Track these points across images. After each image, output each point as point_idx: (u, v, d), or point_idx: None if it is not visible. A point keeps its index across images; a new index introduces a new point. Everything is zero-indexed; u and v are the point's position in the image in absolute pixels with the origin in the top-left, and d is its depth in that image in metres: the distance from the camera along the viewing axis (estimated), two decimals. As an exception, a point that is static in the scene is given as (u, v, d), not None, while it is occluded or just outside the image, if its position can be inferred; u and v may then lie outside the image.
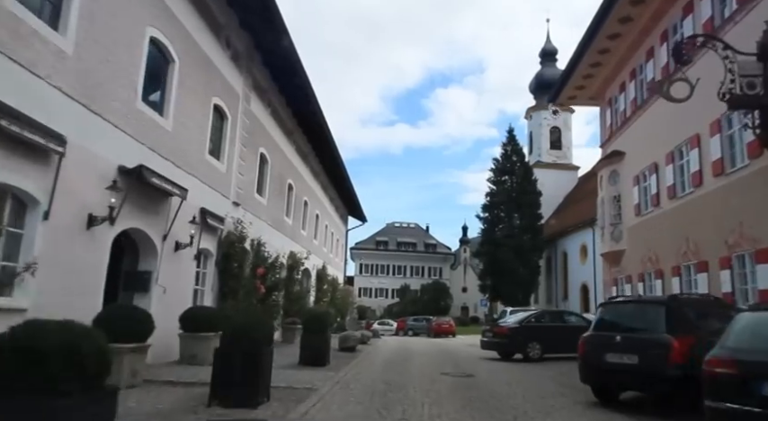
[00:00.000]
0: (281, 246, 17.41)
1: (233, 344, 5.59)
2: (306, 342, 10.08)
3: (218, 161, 11.84)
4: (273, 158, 16.20)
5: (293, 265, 18.69)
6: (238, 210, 13.07)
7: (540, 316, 14.55)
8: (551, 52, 66.53)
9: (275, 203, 16.69)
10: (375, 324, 42.40)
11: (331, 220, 28.88)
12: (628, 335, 6.77)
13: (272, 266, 14.62)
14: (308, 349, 10.03)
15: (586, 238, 44.79)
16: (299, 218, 20.21)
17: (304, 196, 21.14)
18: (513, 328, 13.81)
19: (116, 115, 7.76)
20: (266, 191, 15.61)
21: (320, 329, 10.17)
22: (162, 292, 9.15)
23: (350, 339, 13.75)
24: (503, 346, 13.92)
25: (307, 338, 10.09)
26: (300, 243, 20.37)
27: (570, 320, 14.68)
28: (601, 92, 20.47)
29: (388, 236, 69.91)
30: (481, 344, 14.78)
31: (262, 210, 15.25)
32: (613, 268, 18.94)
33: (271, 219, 16.21)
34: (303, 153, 20.86)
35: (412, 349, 17.81)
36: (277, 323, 14.86)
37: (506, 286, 48.69)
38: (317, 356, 9.98)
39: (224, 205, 12.14)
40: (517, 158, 53.75)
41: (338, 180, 27.62)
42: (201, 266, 11.35)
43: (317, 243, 24.65)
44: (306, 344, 10.07)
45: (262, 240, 14.67)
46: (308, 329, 10.21)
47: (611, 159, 18.95)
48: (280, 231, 17.39)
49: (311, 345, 10.02)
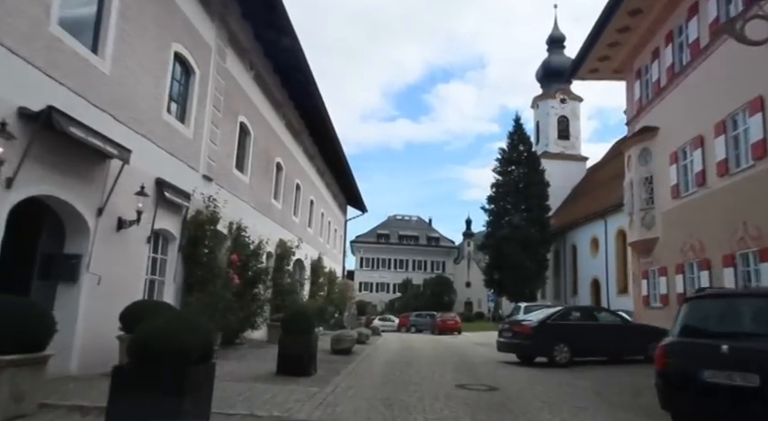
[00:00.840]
0: (269, 232, 15.30)
1: (139, 360, 3.49)
2: (285, 346, 7.98)
3: (181, 124, 9.71)
4: (257, 131, 14.06)
5: (283, 255, 16.61)
6: (211, 186, 10.95)
7: (566, 312, 12.43)
8: (559, 39, 64.25)
9: (260, 183, 14.57)
10: (376, 320, 40.37)
11: (328, 208, 26.76)
12: (741, 346, 4.64)
13: (255, 254, 12.52)
14: (287, 355, 7.94)
15: (597, 231, 42.66)
16: (289, 202, 18.08)
17: (296, 179, 19.01)
18: (538, 327, 11.69)
19: (15, 38, 5.64)
20: (248, 167, 13.48)
21: (304, 329, 8.08)
22: (96, 283, 7.06)
23: (344, 339, 11.66)
24: (524, 348, 11.82)
25: (286, 341, 7.99)
26: (292, 231, 18.27)
27: (603, 318, 12.55)
28: (628, 62, 18.25)
29: (390, 229, 67.81)
30: (498, 346, 12.68)
31: (243, 190, 13.13)
32: (643, 259, 16.80)
33: (254, 201, 14.09)
34: (295, 131, 18.71)
35: (416, 350, 15.72)
36: (261, 320, 12.78)
37: (513, 281, 46.59)
38: (299, 364, 7.90)
39: (191, 178, 10.03)
40: (524, 148, 51.61)
41: (336, 165, 25.49)
42: (159, 251, 9.25)
43: (312, 232, 22.54)
44: (285, 348, 7.97)
45: (242, 224, 12.58)
46: (288, 329, 8.10)
47: (641, 136, 16.77)
48: (266, 215, 15.28)
49: (292, 350, 7.93)
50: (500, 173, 51.37)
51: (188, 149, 9.90)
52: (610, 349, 11.93)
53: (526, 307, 19.80)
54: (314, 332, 8.51)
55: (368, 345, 15.99)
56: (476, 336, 27.31)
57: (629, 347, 12.15)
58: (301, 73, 14.84)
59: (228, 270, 10.17)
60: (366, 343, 16.82)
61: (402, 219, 70.78)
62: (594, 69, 19.74)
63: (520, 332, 11.90)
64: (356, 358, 11.41)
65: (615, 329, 12.21)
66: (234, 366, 8.88)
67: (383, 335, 25.18)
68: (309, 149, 21.47)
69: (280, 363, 7.99)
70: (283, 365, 7.95)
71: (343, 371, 8.92)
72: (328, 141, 21.63)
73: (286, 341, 8.03)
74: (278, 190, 16.66)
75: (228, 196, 11.92)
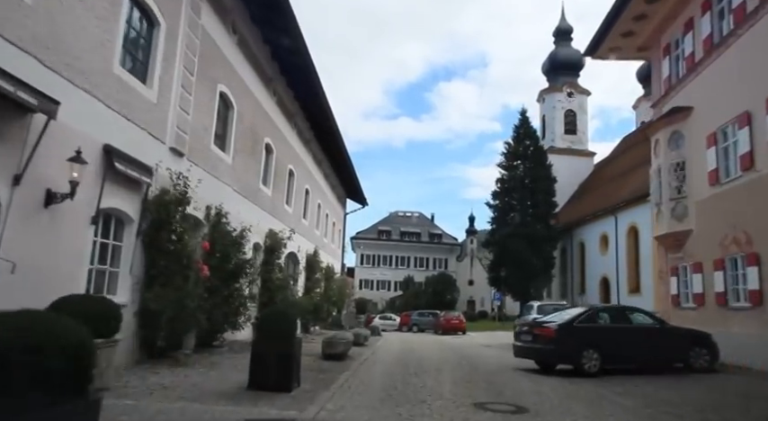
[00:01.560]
0: (256, 221, 13.67)
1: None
2: (259, 354, 6.33)
3: (141, 83, 8.06)
4: (242, 105, 12.42)
5: (273, 247, 14.98)
6: (181, 162, 9.30)
7: (595, 313, 10.75)
8: (566, 31, 62.49)
9: (245, 164, 12.93)
10: (376, 318, 38.75)
11: (325, 200, 25.10)
12: None
13: (235, 243, 10.88)
14: (262, 365, 6.30)
15: (607, 227, 40.98)
16: (280, 189, 16.43)
17: (289, 164, 17.36)
18: (563, 330, 10.04)
19: None
20: (230, 145, 11.84)
21: (284, 332, 6.43)
22: (10, 271, 5.42)
23: (337, 343, 10.00)
24: (546, 354, 10.17)
25: (261, 347, 6.34)
26: (284, 221, 16.63)
27: (637, 319, 10.87)
28: (655, 37, 16.55)
29: (392, 225, 66.14)
30: (515, 351, 11.03)
31: (223, 170, 11.49)
32: (673, 254, 15.13)
33: (238, 185, 12.45)
34: (288, 112, 17.05)
35: (420, 353, 14.08)
36: (244, 319, 11.13)
37: (517, 279, 44.92)
38: (276, 376, 6.26)
39: (154, 150, 8.39)
40: (530, 142, 49.92)
41: (335, 155, 23.82)
42: (111, 236, 7.61)
43: (307, 224, 20.90)
44: (259, 357, 6.32)
45: (223, 209, 10.95)
46: (263, 333, 6.46)
47: (670, 118, 15.08)
48: (253, 202, 13.64)
49: (268, 359, 6.28)
50: (505, 168, 49.66)
51: (150, 115, 8.25)
52: (645, 356, 10.27)
53: (539, 306, 18.17)
54: (296, 336, 6.86)
55: (366, 348, 14.37)
56: (482, 337, 25.68)
57: (668, 354, 10.52)
58: (296, 43, 13.18)
59: (197, 260, 8.52)
60: (364, 344, 15.21)
61: (404, 215, 69.10)
62: (616, 47, 18.03)
63: (541, 335, 10.24)
64: (351, 365, 9.76)
65: (651, 333, 10.55)
66: (200, 377, 7.26)
67: (383, 336, 23.58)
68: (305, 134, 19.81)
69: (252, 376, 6.35)
70: (257, 378, 6.31)
71: (334, 385, 7.27)
72: (326, 128, 19.97)
73: (260, 347, 6.39)
74: (267, 174, 15.01)
75: (205, 176, 10.28)
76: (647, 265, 35.28)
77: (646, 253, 35.39)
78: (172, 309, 7.81)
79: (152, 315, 7.90)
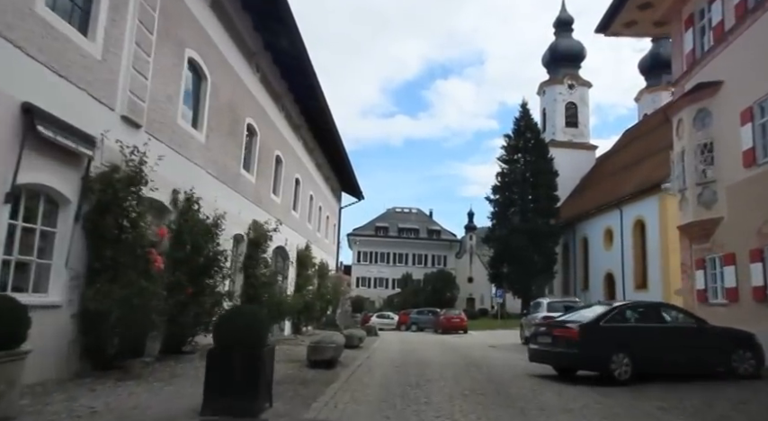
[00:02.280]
0: (237, 210, 12.23)
1: None
2: (216, 368, 4.87)
3: (79, 33, 6.57)
4: (218, 77, 10.93)
5: (257, 240, 13.52)
6: (137, 134, 7.83)
7: (622, 311, 9.28)
8: (567, 22, 61.15)
9: (223, 145, 11.44)
10: (373, 317, 37.33)
11: (319, 192, 23.62)
12: None
13: (208, 233, 9.41)
14: (219, 382, 4.83)
15: (612, 221, 39.66)
16: (266, 176, 14.95)
17: (276, 150, 15.87)
18: (588, 331, 8.61)
19: None
20: (203, 121, 10.34)
21: (247, 342, 4.96)
22: None
23: (325, 348, 8.53)
24: (569, 359, 8.72)
25: (218, 361, 4.88)
26: (271, 212, 15.16)
27: (670, 317, 9.44)
28: (675, 8, 15.07)
29: (389, 221, 64.69)
30: (530, 355, 9.60)
31: (195, 149, 10.01)
32: (698, 245, 13.71)
33: (214, 168, 10.97)
34: (275, 92, 15.55)
35: (421, 356, 12.63)
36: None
37: (519, 275, 43.59)
38: (238, 396, 4.80)
39: (99, 116, 6.91)
40: (531, 135, 48.56)
41: (329, 144, 22.34)
42: (37, 220, 6.13)
43: (298, 216, 19.43)
44: (216, 372, 4.86)
45: (194, 194, 9.49)
46: (222, 342, 5.00)
47: (695, 95, 13.63)
48: (233, 188, 12.17)
49: (227, 375, 4.82)
50: (505, 161, 48.28)
51: (93, 74, 6.77)
52: (683, 360, 8.82)
53: (549, 303, 16.76)
54: (267, 342, 5.40)
55: (361, 350, 12.93)
56: (485, 336, 24.28)
57: (708, 357, 9.08)
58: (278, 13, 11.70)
59: (149, 249, 7.03)
60: (359, 346, 13.78)
61: (402, 211, 67.65)
62: (631, 21, 16.59)
63: (563, 337, 8.80)
64: (342, 374, 8.30)
65: (689, 333, 9.12)
66: (147, 395, 5.80)
67: (381, 335, 22.17)
68: (294, 119, 18.32)
69: (207, 397, 4.88)
70: (213, 399, 4.85)
71: (317, 403, 5.82)
72: (318, 113, 18.48)
73: (218, 359, 4.92)
74: (250, 159, 13.54)
75: (169, 154, 8.82)
76: (654, 260, 33.96)
77: (653, 247, 34.07)
78: (119, 309, 6.34)
79: (97, 317, 6.44)
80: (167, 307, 7.50)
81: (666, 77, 57.36)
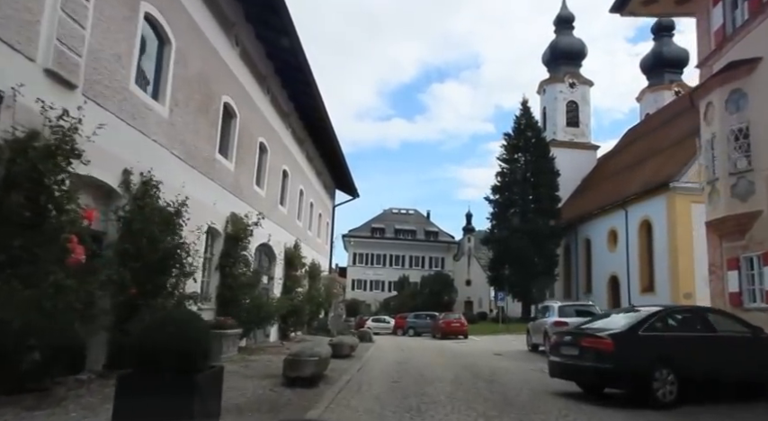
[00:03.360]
0: (211, 200, 10.68)
1: None
2: (130, 401, 3.34)
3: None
4: (186, 43, 9.38)
5: (236, 235, 11.97)
6: (70, 96, 6.27)
7: (664, 317, 7.76)
8: (568, 19, 60.02)
9: (193, 123, 9.88)
10: (369, 321, 35.76)
11: (309, 186, 22.06)
12: None
13: (168, 223, 7.86)
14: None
15: (616, 222, 38.30)
16: (247, 164, 13.38)
17: (260, 137, 14.31)
18: (625, 341, 7.09)
19: None
20: (166, 92, 8.78)
21: (180, 364, 3.42)
22: None
23: (304, 363, 6.95)
24: (602, 375, 7.19)
25: (133, 390, 3.36)
26: (255, 205, 13.60)
27: (720, 325, 7.91)
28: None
29: (385, 222, 63.14)
30: (552, 369, 8.07)
31: (154, 124, 8.44)
32: (731, 242, 12.22)
33: (181, 149, 9.41)
34: (259, 73, 14.01)
35: (421, 368, 11.06)
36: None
37: (519, 278, 42.08)
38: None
39: (9, 65, 5.37)
40: (532, 134, 47.22)
41: (321, 137, 20.80)
42: None
43: (286, 211, 17.86)
44: (130, 406, 3.33)
45: (153, 177, 7.95)
46: (140, 367, 3.46)
47: (728, 75, 12.18)
48: (205, 174, 10.60)
49: (147, 408, 3.28)
50: (505, 161, 46.86)
51: (1, 9, 5.22)
52: (736, 377, 7.32)
53: (561, 307, 15.24)
54: (208, 365, 3.85)
55: (352, 361, 11.36)
56: (487, 342, 22.73)
57: (763, 373, 7.59)
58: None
59: (68, 236, 5.45)
60: (350, 356, 12.22)
61: (398, 212, 66.14)
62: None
63: (593, 349, 7.26)
64: (325, 395, 6.72)
65: (744, 344, 7.62)
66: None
67: (376, 341, 20.57)
68: (283, 106, 16.78)
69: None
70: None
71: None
72: (310, 102, 16.92)
73: (132, 388, 3.38)
74: (228, 142, 11.98)
75: (118, 126, 7.28)
76: (662, 262, 32.52)
77: (661, 248, 32.64)
78: (25, 314, 4.78)
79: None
80: (104, 311, 5.93)
81: (669, 76, 56.34)
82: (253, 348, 12.40)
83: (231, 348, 9.57)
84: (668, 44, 57.38)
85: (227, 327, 9.34)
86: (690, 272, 30.47)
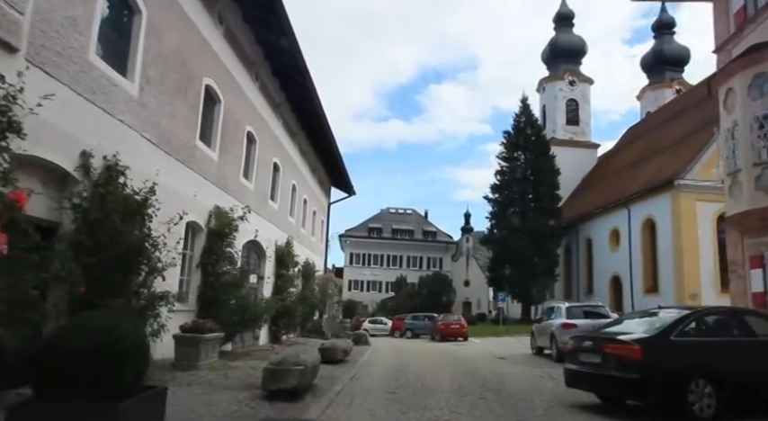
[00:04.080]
0: (191, 192, 9.74)
1: None
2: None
3: None
4: (160, 16, 8.43)
5: (220, 231, 11.03)
6: (11, 59, 5.33)
7: (699, 319, 6.85)
8: (567, 16, 59.28)
9: (168, 106, 8.92)
10: (366, 322, 34.81)
11: (303, 182, 21.11)
12: None
13: (135, 213, 6.91)
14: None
15: (618, 221, 37.47)
16: (234, 155, 12.43)
17: (247, 125, 13.36)
18: (655, 347, 6.18)
19: None
20: (135, 67, 7.82)
21: (100, 386, 2.51)
22: None
23: (286, 373, 5.99)
24: (629, 387, 6.26)
25: None
26: (242, 198, 12.65)
27: (760, 328, 6.99)
28: (720, -40, 12.85)
29: (383, 222, 62.19)
30: (569, 377, 7.16)
31: (120, 102, 7.48)
32: (755, 238, 11.34)
33: (154, 132, 8.46)
34: (246, 58, 13.08)
35: (421, 374, 10.12)
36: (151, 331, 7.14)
37: (519, 278, 41.21)
38: None
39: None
40: (532, 131, 46.43)
41: (315, 130, 19.85)
42: None
43: (277, 207, 16.91)
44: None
45: (119, 161, 7.01)
46: (45, 388, 2.55)
47: (751, 58, 11.30)
48: (184, 162, 9.64)
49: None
50: (505, 159, 46.04)
51: None
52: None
53: (569, 308, 14.32)
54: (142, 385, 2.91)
55: (345, 367, 10.41)
56: (489, 345, 21.82)
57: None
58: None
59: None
60: (344, 361, 11.29)
61: (396, 212, 65.18)
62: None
63: (617, 356, 6.34)
64: (310, 411, 5.78)
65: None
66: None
67: (372, 344, 19.64)
68: (274, 96, 15.85)
69: None
70: None
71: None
72: (303, 91, 15.96)
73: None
74: (210, 129, 11.04)
75: (74, 100, 6.33)
76: (667, 261, 31.63)
77: (665, 247, 31.77)
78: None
79: None
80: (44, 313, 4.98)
81: (670, 74, 55.60)
82: (239, 353, 11.44)
83: (211, 354, 8.63)
84: (669, 42, 56.72)
85: (205, 331, 8.39)
86: (696, 271, 29.68)
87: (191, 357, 8.12)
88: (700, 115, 34.80)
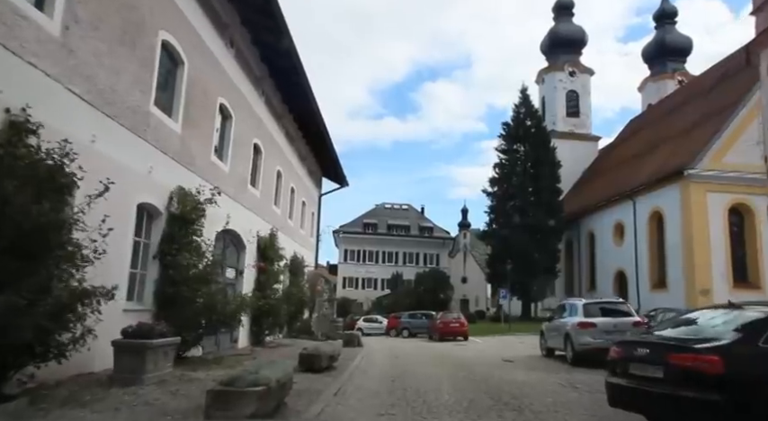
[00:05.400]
0: (145, 167, 8.05)
1: None
2: None
3: None
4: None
5: (184, 215, 9.34)
6: None
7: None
8: (567, 5, 57.67)
9: (107, 54, 7.17)
10: (360, 321, 33.21)
11: (290, 170, 19.39)
12: None
13: (50, 184, 5.23)
14: None
15: (623, 214, 35.94)
16: (202, 128, 10.70)
17: (221, 97, 11.64)
18: (742, 359, 4.57)
19: None
20: (55, 1, 6.13)
21: None
22: None
23: (241, 397, 4.27)
24: (708, 411, 4.63)
25: None
26: (214, 180, 10.91)
27: None
28: None
29: (378, 218, 60.54)
30: (615, 394, 5.52)
31: (32, 41, 5.76)
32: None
33: (85, 86, 6.74)
34: (219, 21, 11.37)
35: (420, 384, 8.46)
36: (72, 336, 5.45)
37: (519, 274, 39.56)
38: None
39: None
40: (532, 123, 44.86)
41: (303, 113, 18.17)
42: None
43: (260, 195, 15.19)
44: None
45: (30, 117, 5.32)
46: None
47: (802, 14, 9.75)
48: (131, 130, 7.91)
49: None
50: (504, 151, 44.44)
51: None
52: None
53: (586, 306, 12.68)
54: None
55: (331, 376, 8.74)
56: (491, 345, 20.21)
57: None
58: None
59: None
60: (331, 367, 9.62)
61: (391, 207, 63.56)
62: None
63: (689, 369, 4.72)
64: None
65: None
66: None
67: (366, 344, 17.97)
68: (254, 68, 14.13)
69: None
70: None
71: None
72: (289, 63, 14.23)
73: None
74: (170, 95, 9.32)
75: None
76: (675, 256, 30.08)
77: (674, 241, 30.22)
78: None
79: None
80: None
81: (672, 65, 54.09)
82: (207, 360, 9.75)
83: (162, 364, 6.93)
84: (671, 32, 55.37)
85: (153, 336, 6.69)
86: (707, 266, 28.18)
87: (133, 369, 6.43)
88: (705, 106, 33.34)
